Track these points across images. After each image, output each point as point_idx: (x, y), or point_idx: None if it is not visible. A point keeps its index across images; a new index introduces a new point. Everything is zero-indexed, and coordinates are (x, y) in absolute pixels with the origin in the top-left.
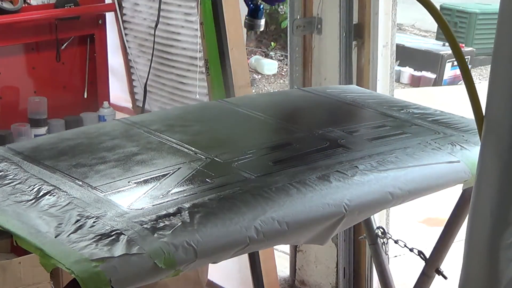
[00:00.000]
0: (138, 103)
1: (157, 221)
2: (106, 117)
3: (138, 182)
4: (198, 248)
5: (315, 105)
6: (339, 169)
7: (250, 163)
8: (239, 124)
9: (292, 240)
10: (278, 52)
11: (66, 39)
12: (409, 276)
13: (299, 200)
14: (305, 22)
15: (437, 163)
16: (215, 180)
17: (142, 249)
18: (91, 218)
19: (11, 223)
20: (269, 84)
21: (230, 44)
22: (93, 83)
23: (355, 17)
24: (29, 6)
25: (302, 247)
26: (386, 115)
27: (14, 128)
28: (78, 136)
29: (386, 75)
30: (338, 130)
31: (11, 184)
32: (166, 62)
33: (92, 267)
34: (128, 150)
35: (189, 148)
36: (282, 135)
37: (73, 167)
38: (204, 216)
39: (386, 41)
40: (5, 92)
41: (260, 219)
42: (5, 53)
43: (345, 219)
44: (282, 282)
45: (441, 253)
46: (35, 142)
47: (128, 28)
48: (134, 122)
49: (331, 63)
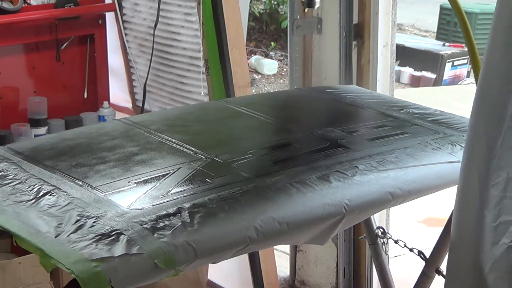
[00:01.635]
0: (138, 103)
1: (157, 221)
2: (106, 117)
3: (138, 182)
4: (198, 248)
5: (315, 105)
6: (339, 169)
7: (250, 163)
8: (239, 124)
9: (292, 240)
10: (278, 52)
11: (66, 39)
12: (409, 276)
13: (299, 200)
14: (305, 22)
15: (437, 163)
16: (215, 180)
17: (142, 249)
18: (91, 218)
19: (11, 223)
20: (269, 84)
21: (230, 44)
22: (93, 83)
23: (355, 17)
24: (29, 6)
25: (302, 247)
26: (386, 115)
27: (14, 128)
28: (78, 136)
29: (386, 75)
30: (338, 130)
31: (11, 184)
32: (166, 62)
33: (92, 267)
34: (128, 150)
35: (189, 148)
36: (282, 135)
37: (73, 167)
38: (204, 216)
39: (386, 41)
40: (5, 92)
41: (260, 219)
42: (5, 53)
43: (345, 219)
44: (282, 282)
45: (441, 253)
46: (35, 142)
47: (128, 28)
48: (134, 122)
49: (331, 63)
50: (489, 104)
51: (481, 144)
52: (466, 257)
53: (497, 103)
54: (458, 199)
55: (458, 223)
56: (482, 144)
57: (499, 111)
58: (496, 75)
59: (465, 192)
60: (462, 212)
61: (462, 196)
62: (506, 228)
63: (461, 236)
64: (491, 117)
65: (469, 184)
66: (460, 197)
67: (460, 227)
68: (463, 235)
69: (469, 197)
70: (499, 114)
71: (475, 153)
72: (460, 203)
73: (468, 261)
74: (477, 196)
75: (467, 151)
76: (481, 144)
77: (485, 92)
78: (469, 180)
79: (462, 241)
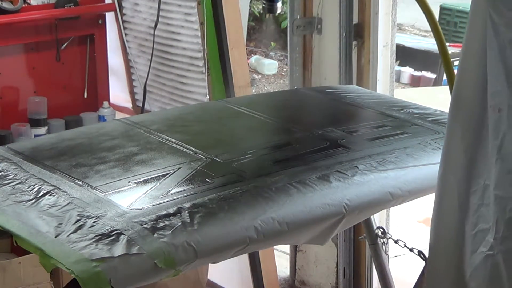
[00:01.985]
0: (138, 103)
1: (157, 221)
2: (106, 117)
3: (138, 182)
4: (198, 248)
5: (315, 105)
6: (339, 169)
7: (250, 163)
8: (239, 124)
9: (292, 240)
10: (278, 52)
11: (66, 39)
12: (409, 276)
13: (299, 200)
14: (305, 22)
15: (437, 163)
16: (215, 180)
17: (142, 249)
18: (91, 218)
19: (11, 223)
20: (269, 84)
21: (230, 44)
22: (93, 83)
23: (355, 17)
24: (29, 6)
25: (302, 247)
26: (386, 115)
27: (14, 128)
28: (78, 136)
29: (386, 75)
30: (338, 130)
31: (11, 184)
32: (166, 62)
33: (92, 267)
34: (128, 150)
35: (189, 148)
36: (282, 135)
37: (73, 167)
38: (204, 216)
39: (386, 41)
40: (5, 92)
41: (260, 219)
42: (5, 53)
43: (345, 219)
44: (282, 282)
45: None
46: (35, 142)
47: (128, 28)
48: (134, 122)
49: (331, 63)
50: (465, 111)
51: (458, 151)
52: (446, 264)
53: (473, 111)
54: (436, 206)
55: (437, 231)
56: (459, 151)
57: (476, 118)
58: (471, 83)
59: (443, 200)
60: (441, 220)
61: (441, 203)
62: (483, 236)
63: (440, 244)
64: (468, 125)
65: (448, 192)
66: (439, 204)
67: (439, 234)
68: (442, 242)
69: (448, 205)
70: (476, 121)
71: (453, 161)
72: (438, 211)
73: (448, 269)
74: (456, 204)
75: (444, 159)
76: (459, 152)
77: (461, 100)
78: (448, 188)
79: (441, 249)
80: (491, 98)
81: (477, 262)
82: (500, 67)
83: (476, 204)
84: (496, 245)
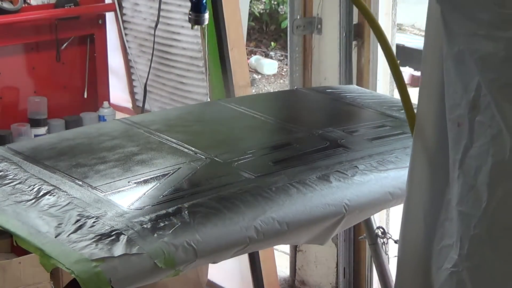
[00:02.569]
0: (138, 103)
1: (157, 221)
2: (106, 117)
3: (138, 182)
4: (198, 248)
5: (315, 105)
6: (339, 169)
7: (250, 163)
8: (239, 124)
9: (292, 240)
10: (278, 52)
11: (66, 39)
12: None
13: (299, 200)
14: (305, 22)
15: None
16: (215, 180)
17: (142, 249)
18: (91, 218)
19: (11, 223)
20: (269, 84)
21: (230, 44)
22: (93, 83)
23: (355, 17)
24: (29, 6)
25: (302, 247)
26: (386, 115)
27: (14, 128)
28: (78, 136)
29: (386, 75)
30: (338, 130)
31: (11, 184)
32: (166, 62)
33: (92, 267)
34: (128, 150)
35: (189, 148)
36: (282, 135)
37: (73, 167)
38: (204, 216)
39: None
40: (5, 92)
41: (260, 219)
42: (5, 53)
43: (345, 219)
44: (282, 282)
45: None
46: (35, 142)
47: (128, 28)
48: (134, 122)
49: (331, 63)
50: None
51: (422, 164)
52: (413, 279)
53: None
54: (403, 219)
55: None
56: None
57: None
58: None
59: (410, 213)
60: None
61: (407, 216)
62: (447, 252)
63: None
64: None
65: (414, 205)
66: (406, 217)
67: (406, 248)
68: (409, 256)
69: (414, 218)
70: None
71: (418, 173)
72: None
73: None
74: (422, 218)
75: (410, 170)
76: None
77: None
78: (413, 200)
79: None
80: (449, 111)
81: (443, 278)
82: (457, 79)
83: (441, 219)
84: (461, 261)
